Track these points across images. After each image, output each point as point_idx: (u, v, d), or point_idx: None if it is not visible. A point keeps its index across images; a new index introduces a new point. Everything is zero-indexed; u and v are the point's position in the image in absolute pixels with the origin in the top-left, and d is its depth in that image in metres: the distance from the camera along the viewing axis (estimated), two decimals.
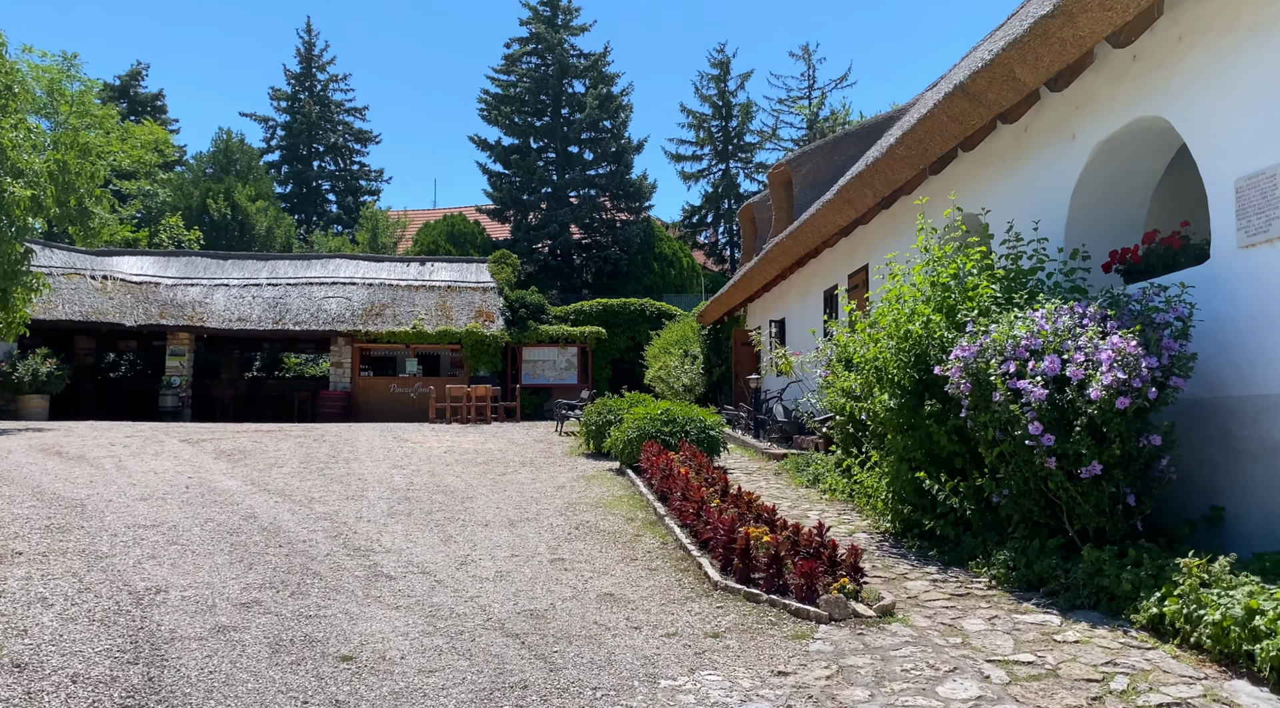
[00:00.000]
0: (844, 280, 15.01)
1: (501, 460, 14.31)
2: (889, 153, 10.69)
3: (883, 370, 8.08)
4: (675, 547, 7.87)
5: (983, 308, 7.62)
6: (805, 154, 19.02)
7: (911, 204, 12.19)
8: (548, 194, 38.60)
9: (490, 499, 10.56)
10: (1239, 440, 6.39)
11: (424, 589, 6.54)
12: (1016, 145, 9.49)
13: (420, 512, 9.73)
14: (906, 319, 8.02)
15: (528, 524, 9.04)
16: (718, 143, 43.74)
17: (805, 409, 13.13)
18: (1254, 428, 6.25)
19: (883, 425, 8.23)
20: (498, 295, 28.64)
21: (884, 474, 8.71)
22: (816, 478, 11.23)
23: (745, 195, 43.20)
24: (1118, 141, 8.02)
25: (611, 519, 9.24)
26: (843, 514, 9.46)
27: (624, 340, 28.08)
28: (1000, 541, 7.07)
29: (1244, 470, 6.37)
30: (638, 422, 12.54)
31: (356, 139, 50.58)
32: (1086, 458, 6.08)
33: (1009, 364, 6.54)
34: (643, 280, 36.13)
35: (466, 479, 12.20)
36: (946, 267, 8.07)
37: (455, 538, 8.39)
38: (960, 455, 7.69)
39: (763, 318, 21.07)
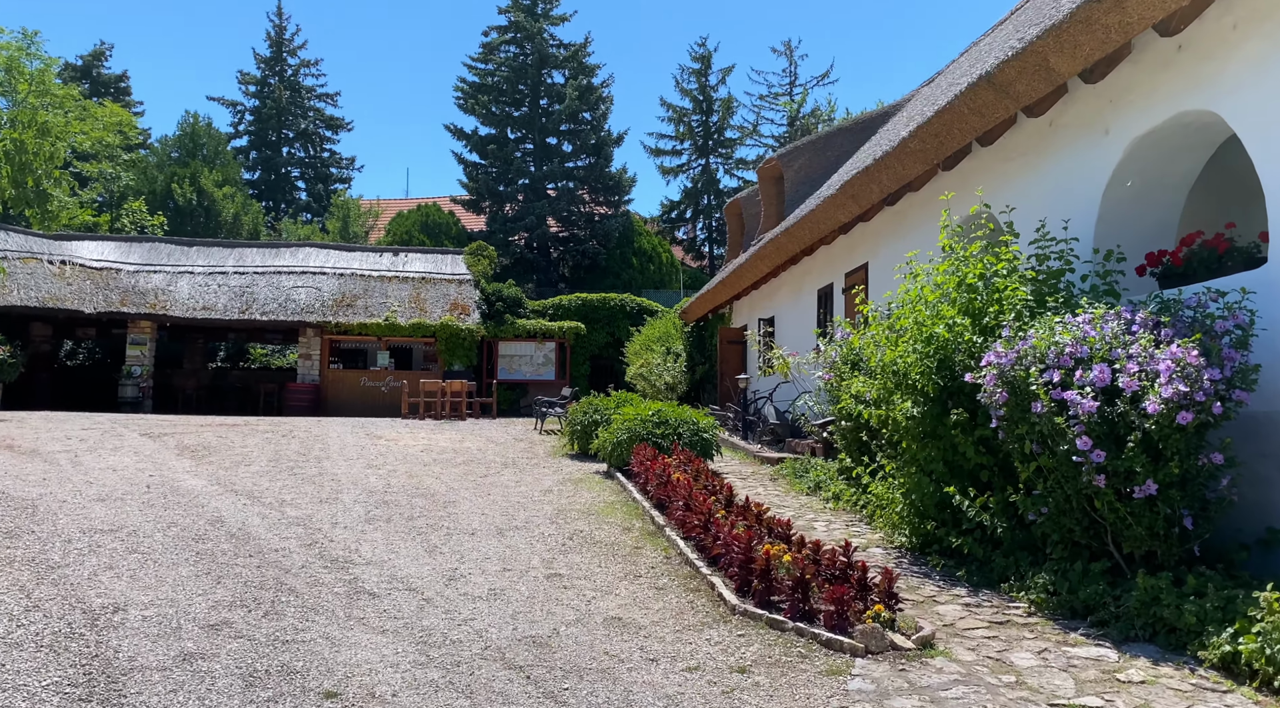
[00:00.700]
0: (841, 279, 14.51)
1: (482, 461, 13.67)
2: (900, 146, 10.18)
3: (903, 375, 7.56)
4: (680, 562, 7.30)
5: (1015, 312, 7.14)
6: (797, 149, 18.53)
7: (917, 202, 11.71)
8: (525, 185, 37.88)
9: (474, 504, 9.94)
10: None
11: (412, 610, 5.93)
12: (1040, 140, 9.01)
13: (400, 517, 9.10)
14: (930, 321, 7.52)
15: (517, 533, 8.44)
16: (698, 138, 43.22)
17: (802, 412, 12.64)
18: None
19: (902, 434, 7.72)
20: (473, 288, 27.92)
21: (900, 486, 8.20)
22: (818, 485, 10.72)
23: (725, 191, 42.73)
24: (1156, 137, 7.56)
25: (606, 529, 8.67)
26: (851, 526, 8.95)
27: (603, 336, 27.48)
28: (1034, 561, 6.59)
29: None
30: (628, 423, 11.96)
31: (328, 126, 49.51)
32: (1140, 477, 5.59)
33: (1052, 373, 6.04)
34: (621, 275, 35.53)
35: (446, 481, 11.57)
36: (973, 266, 7.56)
37: (440, 549, 7.78)
38: (988, 468, 7.20)
39: (750, 316, 20.56)
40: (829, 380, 10.72)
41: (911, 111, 15.65)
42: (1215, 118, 7.06)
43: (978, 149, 10.07)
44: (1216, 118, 7.05)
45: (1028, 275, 7.30)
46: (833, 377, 10.55)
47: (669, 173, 43.59)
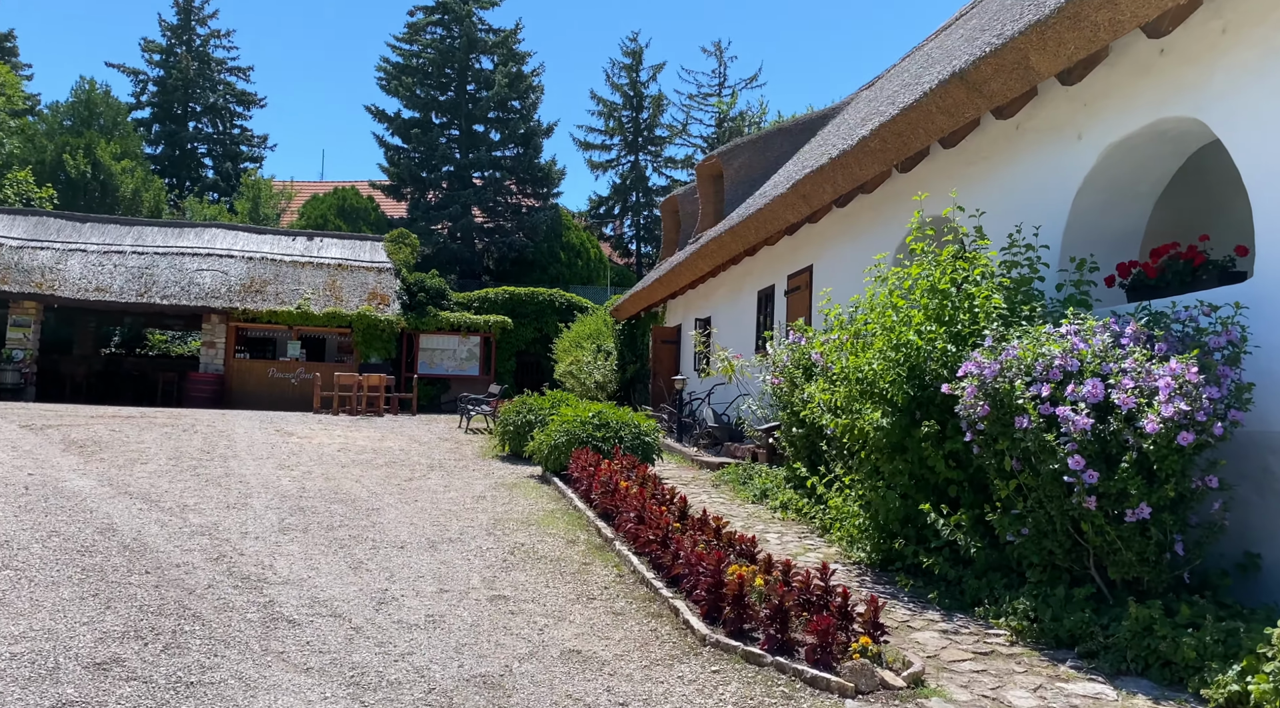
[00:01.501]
0: (783, 281, 14.14)
1: (405, 462, 12.92)
2: (859, 145, 9.80)
3: (870, 383, 7.15)
4: (635, 581, 6.76)
5: (989, 320, 6.79)
6: (738, 147, 18.15)
7: (868, 204, 11.37)
8: (449, 173, 36.84)
9: (401, 512, 9.23)
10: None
11: (339, 641, 5.26)
12: (1006, 144, 8.71)
13: (319, 527, 8.35)
14: (899, 328, 7.13)
15: (451, 547, 7.79)
16: (628, 133, 42.69)
17: (745, 416, 12.22)
18: None
19: (868, 445, 7.30)
20: (394, 277, 26.92)
21: (859, 497, 7.81)
22: (764, 493, 10.29)
23: (655, 190, 42.33)
24: (1131, 144, 7.29)
25: (549, 541, 8.07)
26: (804, 538, 8.53)
27: (531, 332, 26.74)
28: (1009, 584, 6.23)
29: None
30: (566, 425, 11.37)
31: (239, 101, 47.37)
32: (1134, 499, 5.25)
33: (1040, 387, 5.67)
34: (549, 270, 34.79)
35: (368, 485, 10.81)
36: (946, 271, 7.19)
37: (367, 564, 7.09)
38: (957, 483, 6.83)
39: (685, 315, 20.11)
40: (778, 385, 10.31)
41: (854, 114, 15.39)
42: (1194, 126, 6.81)
43: (937, 151, 9.76)
44: (1195, 126, 6.80)
45: (1002, 283, 6.96)
46: (782, 381, 10.15)
47: (598, 167, 42.98)
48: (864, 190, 10.94)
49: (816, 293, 12.89)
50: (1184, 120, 6.74)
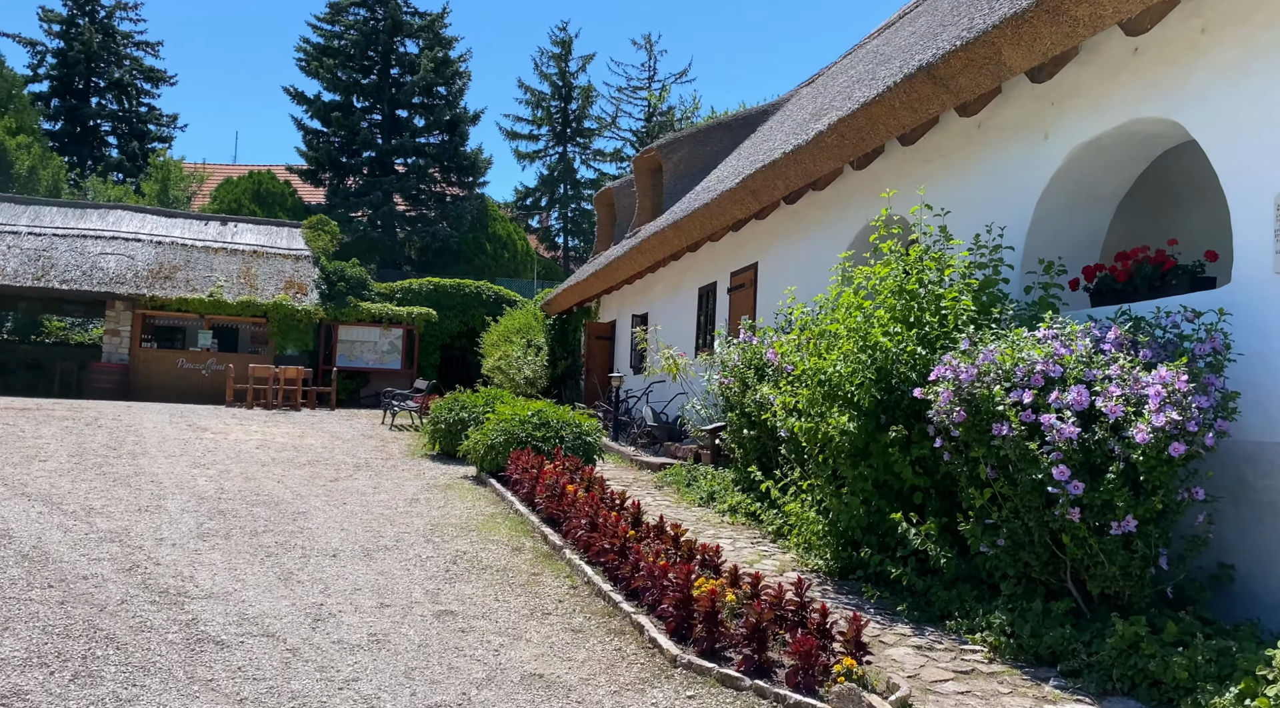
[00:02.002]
0: (726, 278, 13.87)
1: (329, 460, 12.27)
2: (815, 141, 9.54)
3: (835, 386, 6.88)
4: (591, 594, 6.36)
5: (960, 323, 6.58)
6: (677, 141, 17.83)
7: (818, 201, 11.15)
8: (370, 159, 35.76)
9: (330, 516, 8.67)
10: (1259, 492, 5.57)
11: (275, 666, 4.75)
12: (966, 142, 8.54)
13: (242, 532, 7.76)
14: (864, 329, 6.87)
15: (388, 555, 7.28)
16: (556, 124, 42.08)
17: (689, 415, 11.89)
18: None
19: (829, 450, 7.03)
20: (312, 265, 25.94)
21: (816, 503, 7.55)
22: (711, 496, 9.98)
23: (583, 182, 41.84)
24: (1100, 145, 7.15)
25: (493, 549, 7.62)
26: (756, 543, 8.23)
27: (456, 325, 26.01)
28: (980, 596, 6.01)
29: (1264, 525, 5.55)
30: (504, 424, 10.89)
31: (146, 77, 45.26)
32: (1120, 511, 5.06)
33: (1021, 393, 5.45)
34: (474, 261, 34.01)
35: (292, 486, 10.18)
36: (915, 271, 6.96)
37: (298, 575, 6.55)
38: (923, 491, 6.61)
39: (620, 311, 19.72)
40: (726, 385, 10.02)
41: (798, 110, 15.20)
42: (1167, 127, 6.70)
43: (893, 149, 9.56)
44: (1168, 127, 6.69)
45: (970, 284, 6.75)
46: (732, 381, 9.86)
47: (525, 158, 42.29)
48: (815, 187, 10.71)
49: (762, 290, 12.65)
50: (1157, 121, 6.61)
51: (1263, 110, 5.66)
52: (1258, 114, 5.70)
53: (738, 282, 13.33)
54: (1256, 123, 5.71)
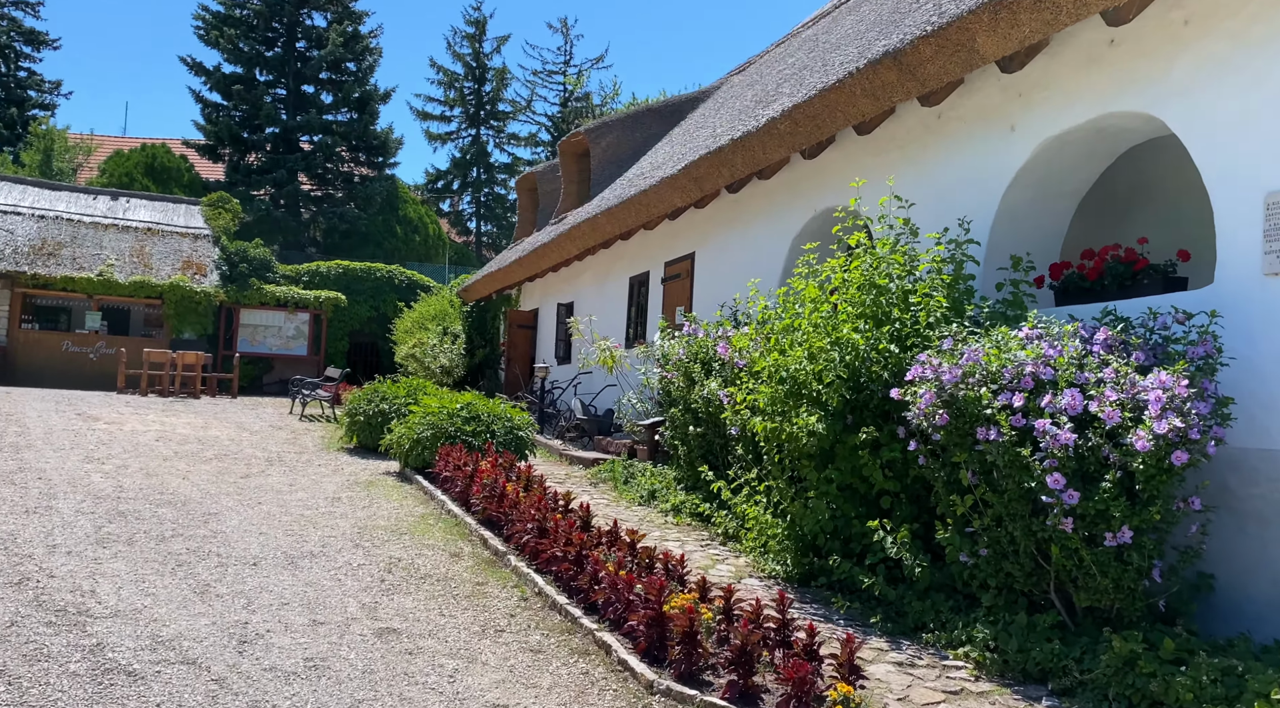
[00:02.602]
0: (660, 268, 13.46)
1: (238, 454, 11.45)
2: (767, 128, 9.19)
3: (801, 384, 6.54)
4: (545, 607, 5.88)
5: (933, 321, 6.31)
6: (606, 125, 17.33)
7: (762, 191, 10.82)
8: (274, 135, 34.17)
9: (245, 517, 7.97)
10: (1243, 500, 5.42)
11: (199, 701, 4.15)
12: (925, 132, 8.29)
13: (148, 538, 7.03)
14: (830, 325, 6.55)
15: (315, 563, 6.66)
16: (469, 106, 41.03)
17: (625, 409, 11.45)
18: (1269, 487, 5.29)
19: (790, 451, 6.69)
20: (212, 245, 24.59)
21: (772, 506, 7.22)
22: (652, 495, 9.57)
23: (496, 166, 40.95)
24: (1068, 139, 6.96)
25: (430, 555, 7.06)
26: (706, 546, 7.85)
27: (367, 310, 24.98)
28: (957, 608, 5.74)
29: (1248, 535, 5.40)
30: (431, 417, 10.28)
31: (26, 40, 42.24)
32: (1116, 522, 4.82)
33: (1011, 396, 5.18)
34: (383, 245, 32.85)
35: (199, 483, 9.40)
36: (884, 265, 6.65)
37: (215, 588, 5.90)
38: (892, 495, 6.32)
39: (544, 300, 19.13)
40: (668, 379, 9.62)
41: (732, 98, 14.88)
42: (1140, 122, 6.53)
43: (845, 138, 9.28)
44: (1141, 122, 6.53)
45: (944, 280, 6.48)
46: (676, 375, 9.46)
47: (437, 139, 41.16)
48: (761, 176, 10.37)
49: (699, 281, 12.29)
50: (1132, 116, 6.43)
51: (1252, 106, 5.49)
52: (1246, 110, 5.53)
53: (673, 272, 12.94)
54: (1245, 119, 5.54)
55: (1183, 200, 7.86)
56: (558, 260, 16.07)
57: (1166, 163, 7.93)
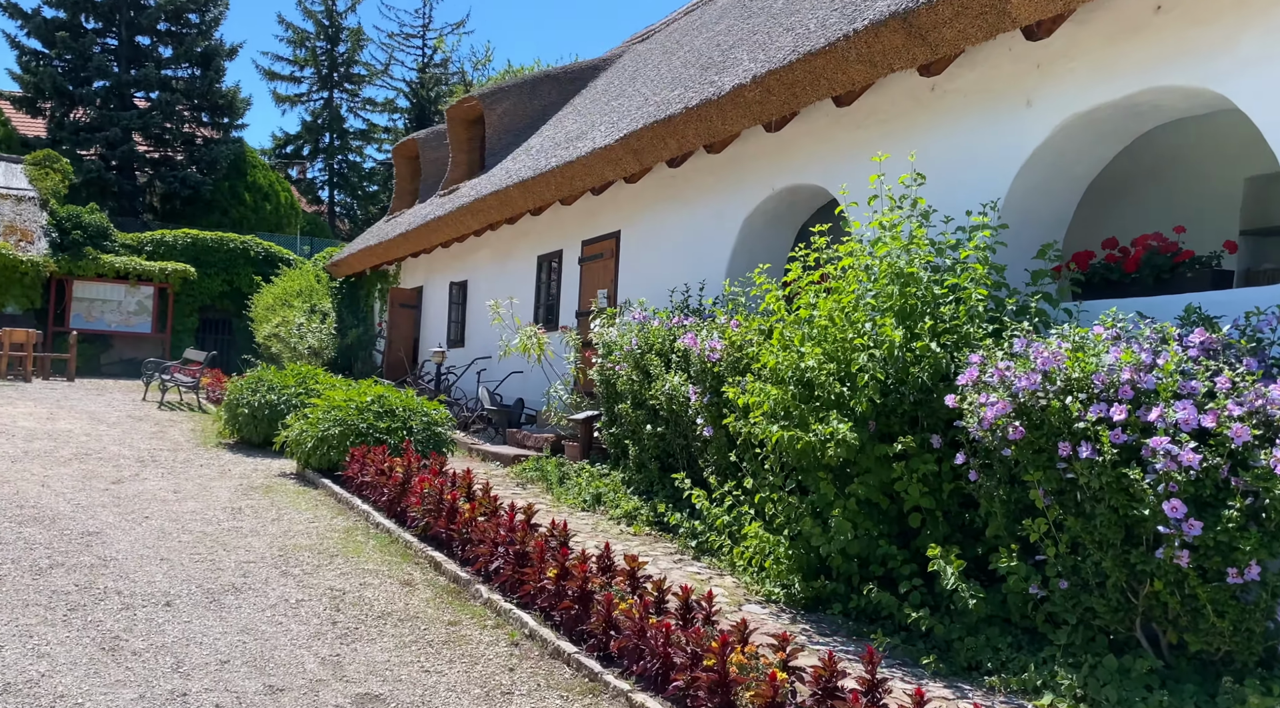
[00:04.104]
0: (576, 247, 12.42)
1: (100, 452, 9.79)
2: (733, 95, 8.32)
3: (822, 387, 5.75)
4: (546, 655, 4.88)
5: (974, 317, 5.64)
6: (502, 91, 16.06)
7: (708, 166, 9.97)
8: (104, 89, 30.84)
9: (135, 537, 6.57)
10: None
11: None
12: (915, 106, 7.62)
13: (19, 569, 5.60)
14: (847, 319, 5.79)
15: (243, 600, 5.41)
16: (322, 66, 38.42)
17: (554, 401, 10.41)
18: None
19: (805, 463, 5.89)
20: (39, 209, 21.83)
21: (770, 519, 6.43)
22: (598, 499, 8.61)
23: (351, 132, 38.59)
24: (1098, 116, 6.39)
25: (377, 584, 5.90)
26: (680, 562, 6.99)
27: (219, 285, 22.73)
28: (1017, 644, 5.08)
29: None
30: (338, 412, 8.97)
31: None
32: (1244, 557, 4.22)
33: (1108, 408, 4.52)
34: (230, 213, 30.19)
35: (63, 491, 7.84)
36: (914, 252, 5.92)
37: (128, 642, 4.62)
38: (928, 514, 5.62)
39: (429, 277, 17.68)
40: (615, 371, 8.68)
41: (644, 66, 13.94)
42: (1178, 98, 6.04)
43: (812, 111, 8.53)
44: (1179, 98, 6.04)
45: (990, 270, 5.80)
46: (625, 367, 8.54)
47: (285, 101, 38.38)
48: (710, 150, 9.52)
49: (625, 262, 11.35)
50: (1174, 91, 5.90)
51: None
52: None
53: (593, 251, 11.94)
54: None
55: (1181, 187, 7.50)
56: (452, 236, 14.76)
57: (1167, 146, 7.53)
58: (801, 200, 9.38)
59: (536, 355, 10.26)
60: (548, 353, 10.55)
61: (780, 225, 9.65)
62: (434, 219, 14.68)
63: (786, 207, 9.44)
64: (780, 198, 9.21)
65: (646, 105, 10.40)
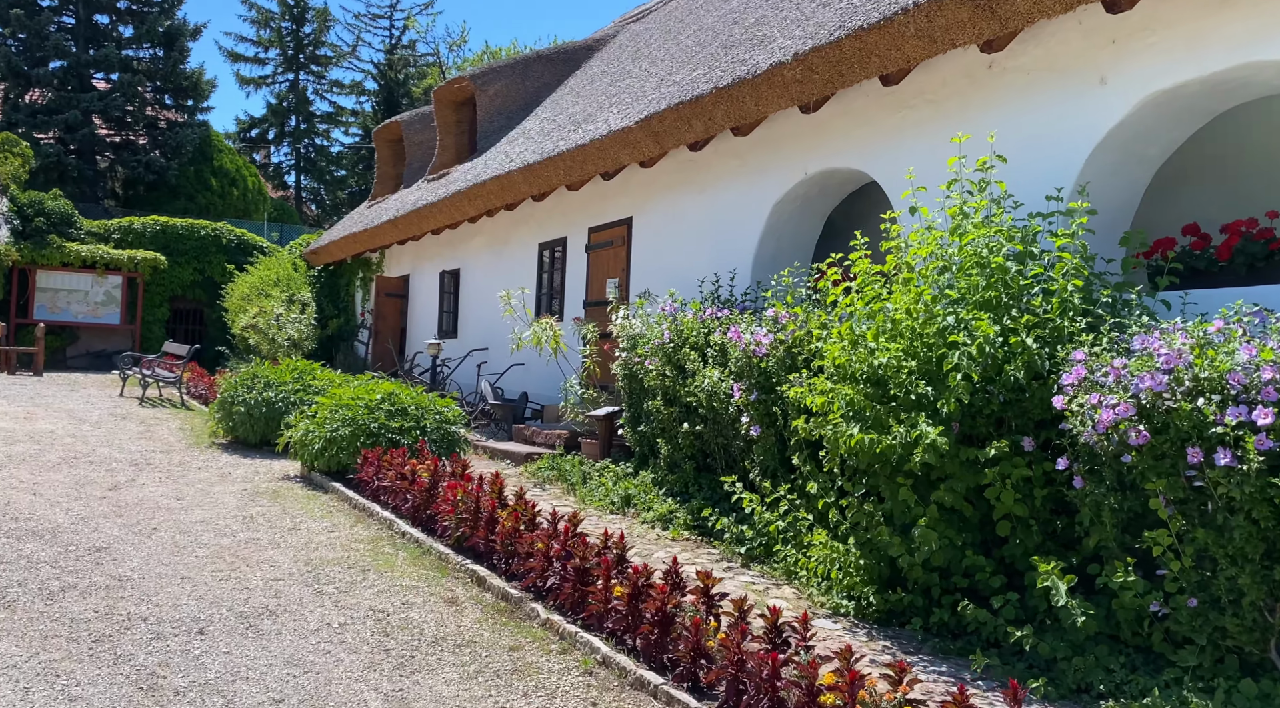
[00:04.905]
0: (582, 235, 11.92)
1: (90, 456, 9.15)
2: (770, 74, 7.87)
3: (901, 385, 5.34)
4: (627, 685, 4.43)
5: (1068, 312, 5.25)
6: (493, 71, 15.47)
7: (732, 149, 9.52)
8: (62, 70, 29.68)
9: (146, 552, 6.02)
10: None
11: None
12: (970, 84, 7.22)
13: (29, 593, 5.04)
14: (928, 312, 5.39)
15: (281, 625, 4.90)
16: (287, 47, 37.36)
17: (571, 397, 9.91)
18: None
19: (881, 467, 5.49)
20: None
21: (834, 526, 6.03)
22: (626, 501, 8.16)
23: (318, 115, 37.61)
24: (1181, 94, 6.01)
25: (420, 603, 5.41)
26: (729, 569, 6.55)
27: (190, 273, 21.86)
28: (1130, 665, 4.70)
29: None
30: (347, 411, 8.42)
31: None
32: None
33: (1254, 412, 4.14)
34: (196, 199, 29.19)
35: (57, 499, 7.25)
36: (997, 240, 5.52)
37: (167, 679, 4.11)
38: (1020, 523, 5.24)
39: (416, 265, 17.05)
40: (644, 366, 8.23)
41: (647, 45, 13.44)
42: (1272, 73, 5.66)
43: (851, 90, 8.10)
44: (1273, 74, 5.66)
45: (1086, 261, 5.41)
46: (656, 361, 8.08)
47: (250, 83, 37.30)
48: (738, 132, 9.06)
49: (638, 250, 10.89)
50: (1273, 66, 5.52)
51: None
52: None
53: (603, 239, 11.45)
54: None
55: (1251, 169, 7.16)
56: (445, 222, 14.17)
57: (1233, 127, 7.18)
58: (834, 185, 8.96)
59: (552, 349, 9.75)
60: (562, 346, 10.05)
61: (810, 211, 9.23)
62: (426, 205, 14.08)
63: (818, 191, 9.02)
64: (812, 183, 8.79)
65: (664, 86, 9.91)
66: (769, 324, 6.97)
